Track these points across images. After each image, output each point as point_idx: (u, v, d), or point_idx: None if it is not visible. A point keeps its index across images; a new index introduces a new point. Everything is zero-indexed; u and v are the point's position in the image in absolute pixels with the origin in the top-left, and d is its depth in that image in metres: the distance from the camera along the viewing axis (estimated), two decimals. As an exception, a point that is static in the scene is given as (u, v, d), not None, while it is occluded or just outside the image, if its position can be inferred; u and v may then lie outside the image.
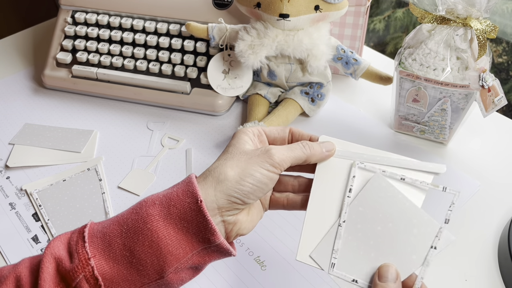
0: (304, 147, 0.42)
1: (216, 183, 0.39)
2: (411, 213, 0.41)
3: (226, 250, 0.39)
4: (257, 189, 0.39)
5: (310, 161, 0.42)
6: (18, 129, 0.74)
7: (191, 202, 0.38)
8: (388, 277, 0.39)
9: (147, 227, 0.37)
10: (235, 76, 0.74)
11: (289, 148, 0.41)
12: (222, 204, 0.39)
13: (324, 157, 0.43)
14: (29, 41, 0.94)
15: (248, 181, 0.39)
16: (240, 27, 0.70)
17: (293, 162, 0.41)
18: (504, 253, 0.55)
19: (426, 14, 0.61)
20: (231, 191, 0.39)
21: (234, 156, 0.40)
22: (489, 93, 0.58)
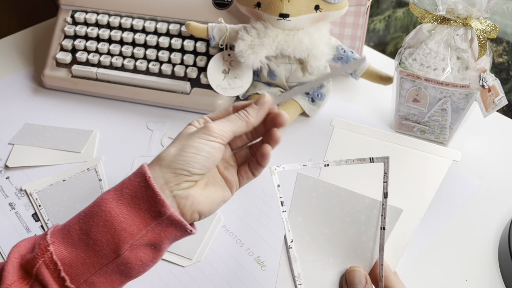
0: (240, 114, 0.44)
1: (161, 161, 0.41)
2: (351, 202, 0.39)
3: (179, 222, 0.40)
4: (200, 157, 0.41)
5: (253, 124, 0.44)
6: (18, 129, 0.74)
7: (141, 180, 0.40)
8: (356, 283, 0.39)
9: (101, 209, 0.40)
10: (235, 76, 0.73)
11: (226, 119, 0.43)
12: (169, 178, 0.40)
13: (261, 114, 0.44)
14: (29, 41, 0.94)
15: (188, 151, 0.41)
16: (240, 27, 0.70)
17: (235, 131, 0.43)
18: (504, 253, 0.55)
19: (426, 14, 0.61)
20: (173, 163, 0.40)
21: (178, 138, 0.43)
22: (489, 93, 0.58)
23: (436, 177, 0.40)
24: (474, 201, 0.62)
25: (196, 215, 0.42)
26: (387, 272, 0.39)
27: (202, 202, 0.42)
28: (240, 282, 0.54)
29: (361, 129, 0.43)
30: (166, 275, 0.55)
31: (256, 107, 0.44)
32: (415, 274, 0.55)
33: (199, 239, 0.58)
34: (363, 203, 0.39)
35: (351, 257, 0.39)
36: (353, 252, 0.39)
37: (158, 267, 0.56)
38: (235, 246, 0.58)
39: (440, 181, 0.40)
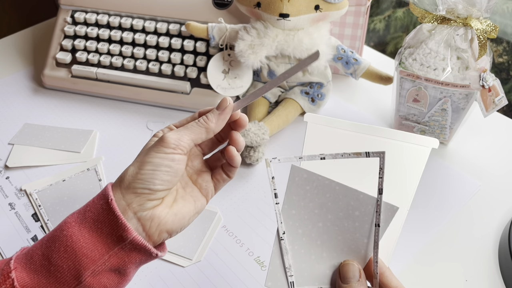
0: (199, 121, 0.42)
1: (121, 182, 0.40)
2: (346, 196, 0.39)
3: (142, 246, 0.38)
4: (160, 173, 0.39)
5: (214, 130, 0.42)
6: (17, 129, 0.74)
7: (103, 203, 0.39)
8: (350, 277, 0.38)
9: (63, 234, 0.38)
10: (235, 76, 0.73)
11: (185, 127, 0.42)
12: (130, 200, 0.39)
13: (222, 119, 0.42)
14: (28, 41, 0.94)
15: (146, 168, 0.39)
16: (240, 27, 0.70)
17: (195, 139, 0.41)
18: (504, 253, 0.55)
19: (426, 14, 0.61)
20: (133, 183, 0.39)
21: (137, 156, 0.42)
22: (489, 93, 0.58)
23: (417, 166, 0.39)
24: (474, 201, 0.62)
25: (165, 234, 0.41)
26: (382, 268, 0.39)
27: (170, 221, 0.40)
28: (240, 282, 0.54)
29: (336, 123, 0.42)
30: (166, 275, 0.55)
31: (217, 112, 0.42)
32: (415, 274, 0.55)
33: (199, 239, 0.58)
34: (358, 198, 0.38)
35: (344, 252, 0.39)
36: (347, 248, 0.39)
37: (158, 267, 0.56)
38: (235, 246, 0.58)
39: (421, 170, 0.39)
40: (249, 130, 0.63)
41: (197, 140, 0.42)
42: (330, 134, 0.42)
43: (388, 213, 0.38)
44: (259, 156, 0.65)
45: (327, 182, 0.39)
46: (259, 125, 0.65)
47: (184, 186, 0.44)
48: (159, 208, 0.40)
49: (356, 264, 0.39)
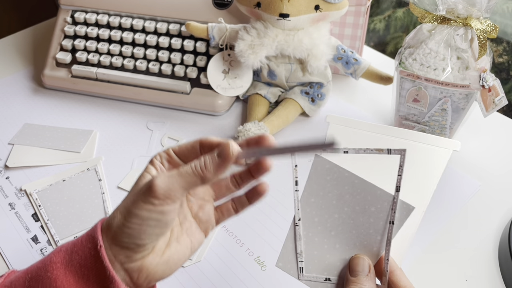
0: (195, 168, 0.36)
1: (108, 230, 0.36)
2: (363, 191, 0.39)
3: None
4: (147, 227, 0.35)
5: (210, 180, 0.36)
6: (17, 129, 0.74)
7: (92, 247, 0.36)
8: (359, 271, 0.37)
9: (47, 276, 0.36)
10: (235, 76, 0.73)
11: (178, 173, 0.36)
12: (116, 252, 0.36)
13: (222, 169, 0.36)
14: (28, 41, 0.94)
15: (133, 222, 0.35)
16: (240, 27, 0.70)
17: (187, 188, 0.36)
18: (504, 253, 0.55)
19: (426, 14, 0.61)
20: (119, 235, 0.35)
21: (128, 196, 0.37)
22: (489, 93, 0.57)
23: (437, 168, 0.40)
24: (474, 201, 0.62)
25: (154, 282, 0.38)
26: (393, 267, 0.39)
27: (161, 271, 0.37)
28: (240, 282, 0.54)
29: (357, 124, 0.42)
30: (166, 275, 0.55)
31: (217, 161, 0.36)
32: (415, 274, 0.55)
33: (199, 239, 0.58)
34: (375, 194, 0.38)
35: (357, 246, 0.39)
36: (359, 242, 0.39)
37: (158, 267, 0.56)
38: (235, 246, 0.58)
39: (441, 172, 0.39)
40: (249, 130, 0.63)
41: (190, 189, 0.36)
42: (351, 134, 0.42)
43: (404, 211, 0.38)
44: (259, 156, 0.65)
45: (347, 175, 0.39)
46: (259, 125, 0.65)
47: (182, 221, 0.40)
48: (149, 257, 0.37)
49: (366, 259, 0.38)
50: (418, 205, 0.39)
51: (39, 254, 0.57)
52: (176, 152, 0.39)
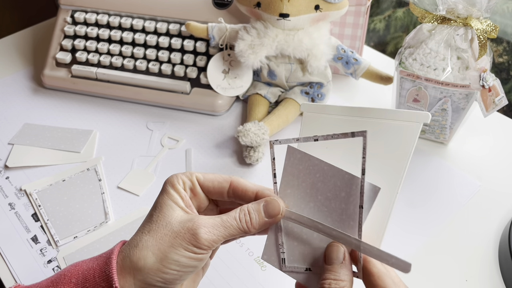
0: (241, 221, 0.36)
1: (135, 270, 0.34)
2: (333, 177, 0.38)
3: None
4: (183, 274, 0.35)
5: (252, 234, 0.37)
6: (17, 129, 0.74)
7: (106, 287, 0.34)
8: (333, 258, 0.37)
9: None
10: (235, 76, 0.73)
11: (222, 223, 0.36)
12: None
13: (266, 226, 0.37)
14: (28, 41, 0.94)
15: (171, 268, 0.34)
16: (240, 26, 0.70)
17: (228, 237, 0.36)
18: (504, 253, 0.55)
19: (426, 13, 0.61)
20: (152, 280, 0.34)
21: (157, 230, 0.35)
22: (489, 93, 0.57)
23: (407, 144, 0.38)
24: (474, 201, 0.62)
25: None
26: None
27: None
28: (240, 282, 0.54)
29: (328, 109, 0.41)
30: (166, 275, 0.55)
31: (263, 219, 0.37)
32: (415, 274, 0.55)
33: (199, 239, 0.58)
34: (343, 179, 0.38)
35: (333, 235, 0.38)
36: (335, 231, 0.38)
37: (158, 267, 0.56)
38: (235, 246, 0.58)
39: (411, 148, 0.38)
40: (249, 130, 0.63)
41: (228, 238, 0.36)
42: (324, 120, 0.41)
43: (371, 194, 0.37)
44: (259, 156, 0.65)
45: (317, 162, 0.39)
46: (259, 125, 0.65)
47: None
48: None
49: (341, 246, 0.37)
50: (390, 186, 0.38)
51: (39, 254, 0.57)
52: (200, 183, 0.38)
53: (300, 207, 0.39)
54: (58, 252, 0.57)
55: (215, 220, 0.36)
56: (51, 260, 0.57)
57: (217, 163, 0.68)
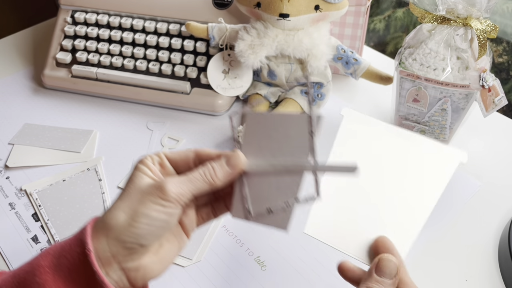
0: (205, 174, 0.38)
1: (107, 230, 0.36)
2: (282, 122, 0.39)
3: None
4: (154, 229, 0.36)
5: (218, 186, 0.38)
6: (17, 129, 0.74)
7: (80, 252, 0.35)
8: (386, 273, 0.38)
9: (35, 280, 0.35)
10: (235, 76, 0.73)
11: (187, 178, 0.37)
12: (117, 252, 0.35)
13: (230, 177, 0.39)
14: (28, 41, 0.94)
15: (142, 222, 0.35)
16: (240, 27, 0.70)
17: (196, 193, 0.37)
18: (504, 253, 0.55)
19: (426, 14, 0.61)
20: (124, 236, 0.35)
21: (129, 195, 0.37)
22: (489, 93, 0.58)
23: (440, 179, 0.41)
24: (474, 201, 0.62)
25: (149, 280, 0.38)
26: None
27: (156, 269, 0.38)
28: (240, 282, 0.54)
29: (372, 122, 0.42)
30: (166, 275, 0.55)
31: (226, 169, 0.38)
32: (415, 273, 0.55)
33: (199, 239, 0.58)
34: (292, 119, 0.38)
35: None
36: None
37: (158, 267, 0.56)
38: (235, 246, 0.58)
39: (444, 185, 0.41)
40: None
41: (197, 194, 0.38)
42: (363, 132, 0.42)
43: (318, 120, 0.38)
44: (259, 156, 0.65)
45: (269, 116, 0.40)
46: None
47: None
48: (146, 257, 0.37)
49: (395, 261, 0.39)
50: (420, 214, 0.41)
51: (39, 254, 0.58)
52: (168, 158, 0.40)
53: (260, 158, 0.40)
54: (58, 252, 0.57)
55: (181, 177, 0.37)
56: (51, 260, 0.57)
57: (217, 163, 0.68)
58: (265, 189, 0.39)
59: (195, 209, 0.42)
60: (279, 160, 0.39)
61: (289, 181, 0.38)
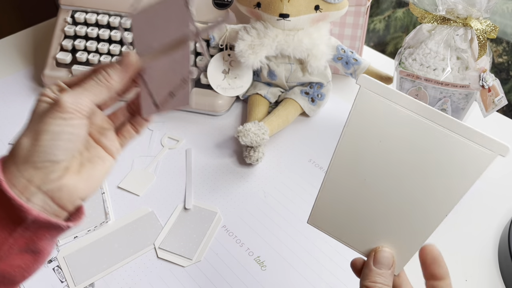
0: (99, 79, 0.37)
1: (14, 157, 0.36)
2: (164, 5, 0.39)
3: (49, 223, 0.35)
4: (60, 142, 0.35)
5: (117, 88, 0.38)
6: (17, 129, 0.74)
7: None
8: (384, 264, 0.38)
9: None
10: (235, 76, 0.73)
11: (82, 87, 0.37)
12: (31, 175, 0.35)
13: (126, 76, 0.39)
14: (29, 41, 0.94)
15: (45, 139, 0.35)
16: (240, 27, 0.70)
17: (95, 100, 0.37)
18: (504, 253, 0.55)
19: (426, 14, 0.61)
20: (31, 157, 0.35)
21: (30, 122, 0.37)
22: (489, 93, 0.58)
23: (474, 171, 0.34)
24: (473, 201, 0.62)
25: (79, 201, 0.38)
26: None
27: (82, 187, 0.37)
28: (240, 282, 0.54)
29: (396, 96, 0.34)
30: (166, 275, 0.55)
31: (119, 69, 0.38)
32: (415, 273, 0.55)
33: (199, 239, 0.58)
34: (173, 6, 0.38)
35: None
36: None
37: (159, 267, 0.56)
38: (235, 246, 0.58)
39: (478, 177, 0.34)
40: (249, 130, 0.63)
41: (98, 101, 0.37)
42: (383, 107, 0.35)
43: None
44: (259, 156, 0.65)
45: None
46: (259, 125, 0.65)
47: (88, 147, 0.40)
48: (66, 177, 0.36)
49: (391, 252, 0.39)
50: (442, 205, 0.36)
51: (39, 254, 0.58)
52: (67, 83, 0.39)
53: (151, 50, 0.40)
54: (58, 252, 0.57)
55: (77, 88, 0.37)
56: (51, 260, 0.57)
57: (217, 163, 0.68)
58: (163, 76, 0.39)
59: (114, 130, 0.42)
60: (166, 42, 0.39)
61: (179, 57, 0.38)
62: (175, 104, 0.40)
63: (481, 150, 0.34)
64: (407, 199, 0.37)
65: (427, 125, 0.34)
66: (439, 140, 0.34)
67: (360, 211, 0.39)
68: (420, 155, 0.35)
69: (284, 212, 0.61)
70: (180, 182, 0.65)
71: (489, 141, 0.34)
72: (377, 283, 0.37)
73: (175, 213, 0.61)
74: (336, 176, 0.39)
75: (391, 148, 0.36)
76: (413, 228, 0.37)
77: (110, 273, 0.55)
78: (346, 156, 0.38)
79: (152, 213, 0.61)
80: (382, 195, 0.37)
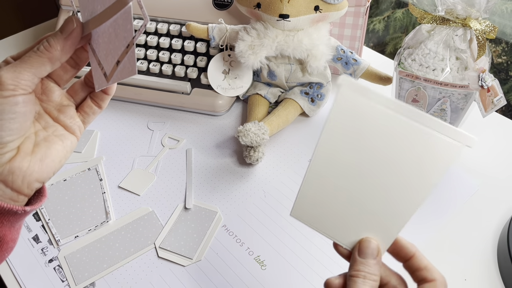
0: (39, 49, 0.34)
1: None
2: None
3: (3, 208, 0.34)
4: (4, 122, 0.33)
5: (60, 58, 0.35)
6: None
7: None
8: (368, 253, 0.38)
9: None
10: (235, 76, 0.74)
11: (21, 60, 0.34)
12: None
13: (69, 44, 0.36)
14: (30, 41, 0.95)
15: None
16: (240, 27, 0.70)
17: (37, 73, 0.34)
18: (503, 253, 0.55)
19: (425, 14, 0.61)
20: None
21: None
22: (488, 93, 0.58)
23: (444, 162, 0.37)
24: (473, 201, 0.62)
25: (36, 184, 0.36)
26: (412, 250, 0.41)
27: (37, 169, 0.35)
28: (240, 281, 0.54)
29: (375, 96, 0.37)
30: (167, 275, 0.55)
31: (61, 36, 0.35)
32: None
33: (199, 238, 0.58)
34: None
35: None
36: None
37: (159, 266, 0.56)
38: (235, 245, 0.58)
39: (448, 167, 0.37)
40: (249, 130, 0.64)
41: (41, 74, 0.35)
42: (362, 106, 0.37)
43: None
44: (259, 156, 0.65)
45: None
46: (259, 125, 0.65)
47: (45, 126, 0.38)
48: (17, 159, 0.34)
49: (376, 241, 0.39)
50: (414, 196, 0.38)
51: (40, 253, 0.58)
52: (15, 58, 0.36)
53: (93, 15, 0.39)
54: (59, 251, 0.58)
55: (16, 62, 0.34)
56: (52, 260, 0.57)
57: (217, 163, 0.68)
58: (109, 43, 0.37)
59: (75, 107, 0.40)
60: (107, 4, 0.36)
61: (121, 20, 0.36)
62: (122, 73, 0.36)
63: (450, 142, 0.36)
64: (384, 191, 0.38)
65: (402, 121, 0.37)
66: (413, 134, 0.37)
67: (341, 204, 0.40)
68: (396, 149, 0.37)
69: (284, 212, 0.61)
70: (180, 182, 0.66)
71: (457, 133, 0.36)
72: (361, 271, 0.37)
73: (175, 212, 0.61)
74: (318, 169, 0.40)
75: (369, 143, 0.38)
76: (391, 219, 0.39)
77: (110, 272, 0.55)
78: (327, 150, 0.39)
79: (152, 213, 0.62)
80: (361, 188, 0.39)
